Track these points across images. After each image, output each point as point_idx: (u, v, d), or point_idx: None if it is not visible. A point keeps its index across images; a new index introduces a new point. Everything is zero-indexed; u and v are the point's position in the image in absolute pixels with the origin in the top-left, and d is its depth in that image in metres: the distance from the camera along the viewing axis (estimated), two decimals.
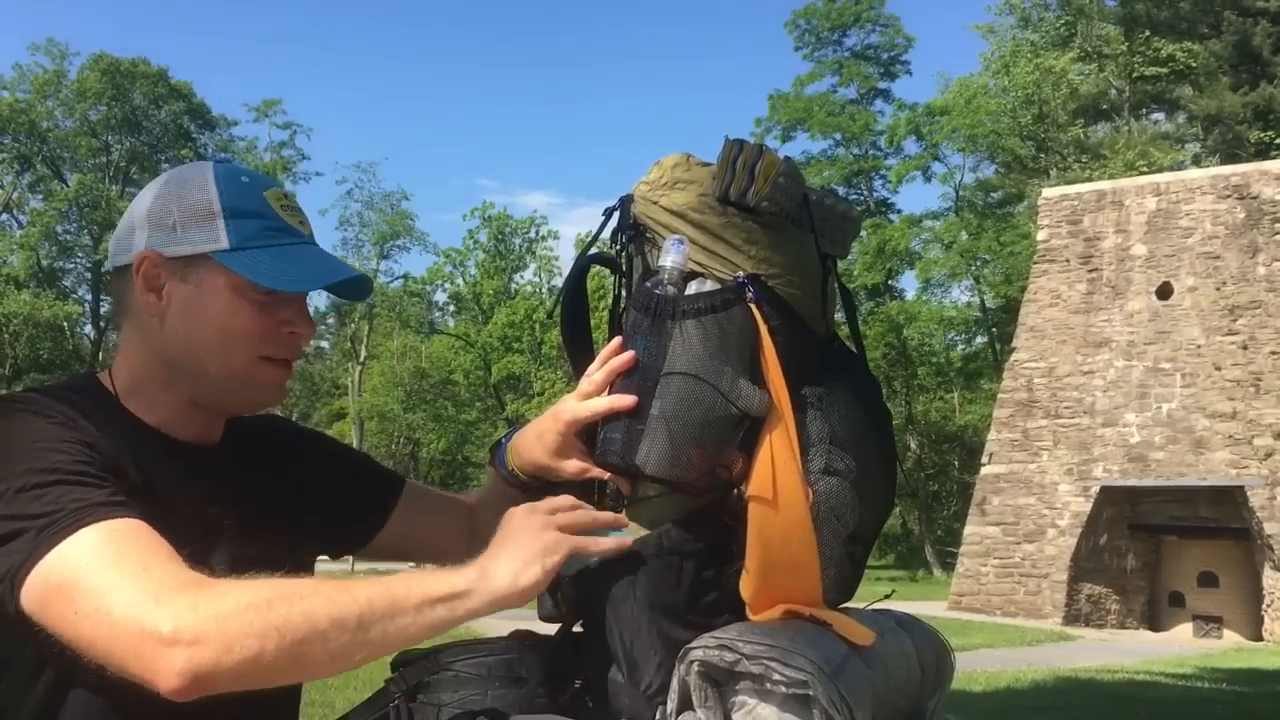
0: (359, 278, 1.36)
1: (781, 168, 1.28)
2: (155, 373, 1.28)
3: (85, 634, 1.03)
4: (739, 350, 1.22)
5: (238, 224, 1.25)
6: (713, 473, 1.22)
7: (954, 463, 45.21)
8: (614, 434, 1.24)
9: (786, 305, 1.29)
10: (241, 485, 1.31)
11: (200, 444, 1.31)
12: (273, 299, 1.26)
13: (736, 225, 1.28)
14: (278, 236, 1.27)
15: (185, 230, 1.25)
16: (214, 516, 1.27)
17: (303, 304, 1.31)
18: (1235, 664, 13.99)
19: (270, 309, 1.26)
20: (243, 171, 1.32)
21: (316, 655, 1.04)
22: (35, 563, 1.04)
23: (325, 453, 1.51)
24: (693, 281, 1.26)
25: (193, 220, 1.25)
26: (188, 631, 0.99)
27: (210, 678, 0.99)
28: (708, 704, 1.12)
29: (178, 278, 1.25)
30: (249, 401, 1.32)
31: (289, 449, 1.45)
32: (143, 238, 1.26)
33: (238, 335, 1.25)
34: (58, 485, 1.08)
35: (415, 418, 46.76)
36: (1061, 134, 38.75)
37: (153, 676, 1.00)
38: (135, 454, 1.22)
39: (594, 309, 1.46)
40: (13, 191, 41.08)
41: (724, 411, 1.20)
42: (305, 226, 1.32)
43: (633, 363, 1.24)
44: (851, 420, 1.32)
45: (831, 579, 1.26)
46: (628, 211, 1.33)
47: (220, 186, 1.26)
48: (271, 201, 1.28)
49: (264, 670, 1.02)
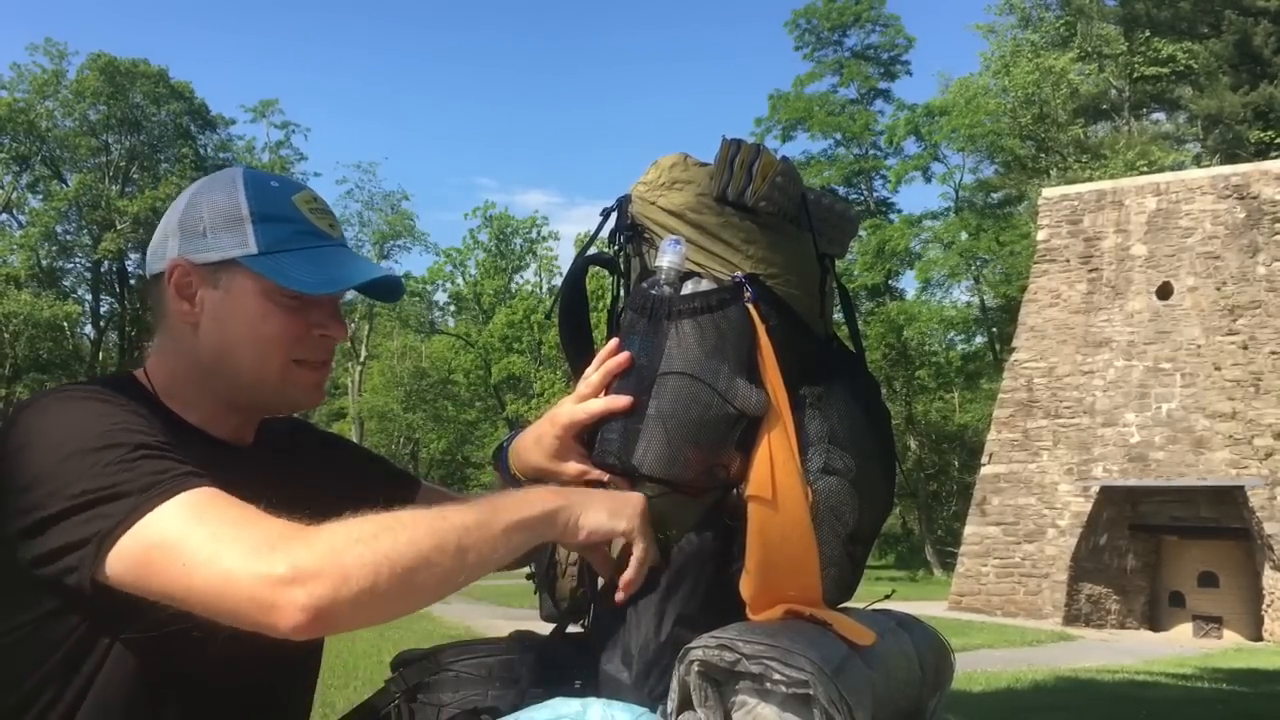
0: (390, 279, 1.35)
1: (779, 167, 1.28)
2: (191, 377, 1.29)
3: (198, 585, 1.04)
4: (736, 350, 1.22)
5: (266, 228, 1.25)
6: (710, 472, 1.22)
7: (954, 463, 45.19)
8: (611, 434, 1.24)
9: (785, 305, 1.29)
10: (279, 483, 1.31)
11: (236, 443, 1.32)
12: (303, 302, 1.26)
13: (734, 225, 1.28)
14: (306, 240, 1.27)
15: (215, 236, 1.25)
16: None
17: (334, 306, 1.31)
18: (1235, 664, 13.99)
19: (301, 312, 1.27)
20: (272, 177, 1.33)
21: (424, 582, 1.06)
22: (129, 526, 1.06)
23: (351, 455, 1.53)
24: (689, 281, 1.26)
25: (222, 226, 1.25)
26: (306, 570, 1.02)
27: (331, 611, 1.01)
28: (708, 704, 1.12)
29: (209, 284, 1.26)
30: (285, 404, 1.33)
31: (318, 450, 1.47)
32: (174, 245, 1.27)
33: (269, 340, 1.26)
34: (144, 459, 1.11)
35: (415, 418, 46.79)
36: (1061, 134, 38.75)
37: (274, 617, 1.02)
38: (182, 447, 1.23)
39: (593, 309, 1.46)
40: (12, 191, 41.05)
41: (721, 411, 1.20)
42: (335, 229, 1.32)
43: (629, 364, 1.24)
44: (851, 420, 1.32)
45: (831, 578, 1.26)
46: (625, 212, 1.33)
47: (248, 191, 1.27)
48: (300, 205, 1.29)
49: (379, 600, 1.03)
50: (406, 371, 47.70)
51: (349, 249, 1.32)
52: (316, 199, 1.32)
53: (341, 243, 1.31)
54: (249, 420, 1.34)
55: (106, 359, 41.72)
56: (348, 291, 1.32)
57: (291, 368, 1.28)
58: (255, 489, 1.27)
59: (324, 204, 1.33)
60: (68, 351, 40.97)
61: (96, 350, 42.02)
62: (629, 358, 1.24)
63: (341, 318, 1.33)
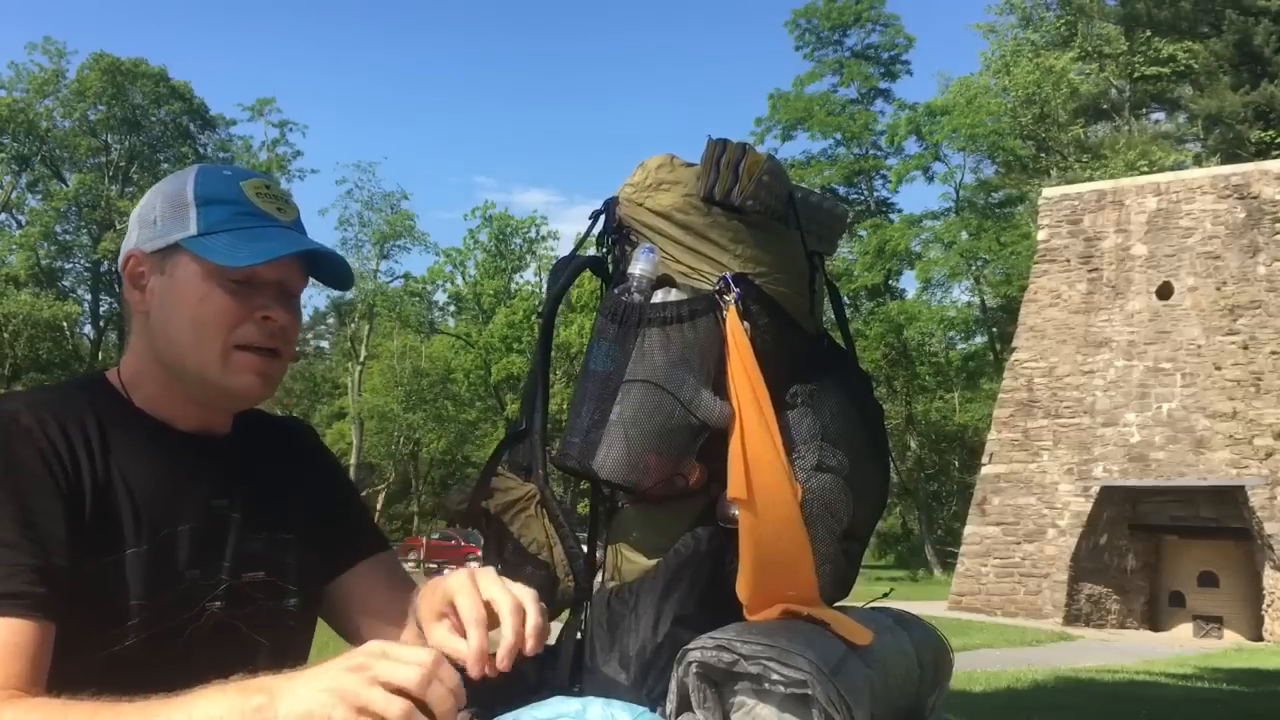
0: (336, 261, 1.29)
1: (766, 166, 1.28)
2: (149, 370, 1.27)
3: None
4: (703, 361, 1.23)
5: (208, 210, 1.23)
6: (670, 480, 1.23)
7: (954, 463, 45.21)
8: (573, 438, 1.24)
9: (774, 303, 1.29)
10: (249, 477, 1.30)
11: (206, 433, 1.29)
12: (248, 285, 1.23)
13: (722, 225, 1.28)
14: (246, 220, 1.24)
15: (163, 223, 1.25)
16: (222, 509, 1.26)
17: (280, 289, 1.26)
18: (1235, 664, 13.98)
19: (245, 295, 1.23)
20: (229, 167, 1.32)
21: None
22: None
23: (332, 476, 1.46)
24: (660, 290, 1.27)
25: (169, 213, 1.25)
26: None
27: None
28: (706, 705, 1.11)
29: (157, 271, 1.25)
30: (229, 392, 1.25)
31: (304, 455, 1.42)
32: (133, 238, 1.27)
33: (209, 322, 1.22)
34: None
35: (415, 418, 46.73)
36: (1062, 134, 38.75)
37: None
38: (140, 447, 1.21)
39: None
40: (11, 191, 41.05)
41: (683, 420, 1.21)
42: (285, 213, 1.27)
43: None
44: (843, 417, 1.32)
45: (827, 576, 1.26)
46: (613, 214, 1.33)
47: (197, 179, 1.26)
48: (247, 190, 1.26)
49: None
50: (406, 371, 47.66)
51: (294, 230, 1.27)
52: (271, 186, 1.29)
53: (289, 225, 1.27)
54: (213, 412, 1.29)
55: (106, 359, 41.71)
56: (301, 279, 1.27)
57: (233, 354, 1.22)
58: (224, 481, 1.27)
59: (277, 190, 1.30)
60: (67, 351, 40.97)
61: (96, 350, 42.02)
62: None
63: (287, 302, 1.26)
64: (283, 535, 1.31)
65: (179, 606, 1.20)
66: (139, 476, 1.20)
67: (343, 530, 1.41)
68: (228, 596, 1.24)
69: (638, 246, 1.28)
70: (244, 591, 1.25)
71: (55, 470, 1.14)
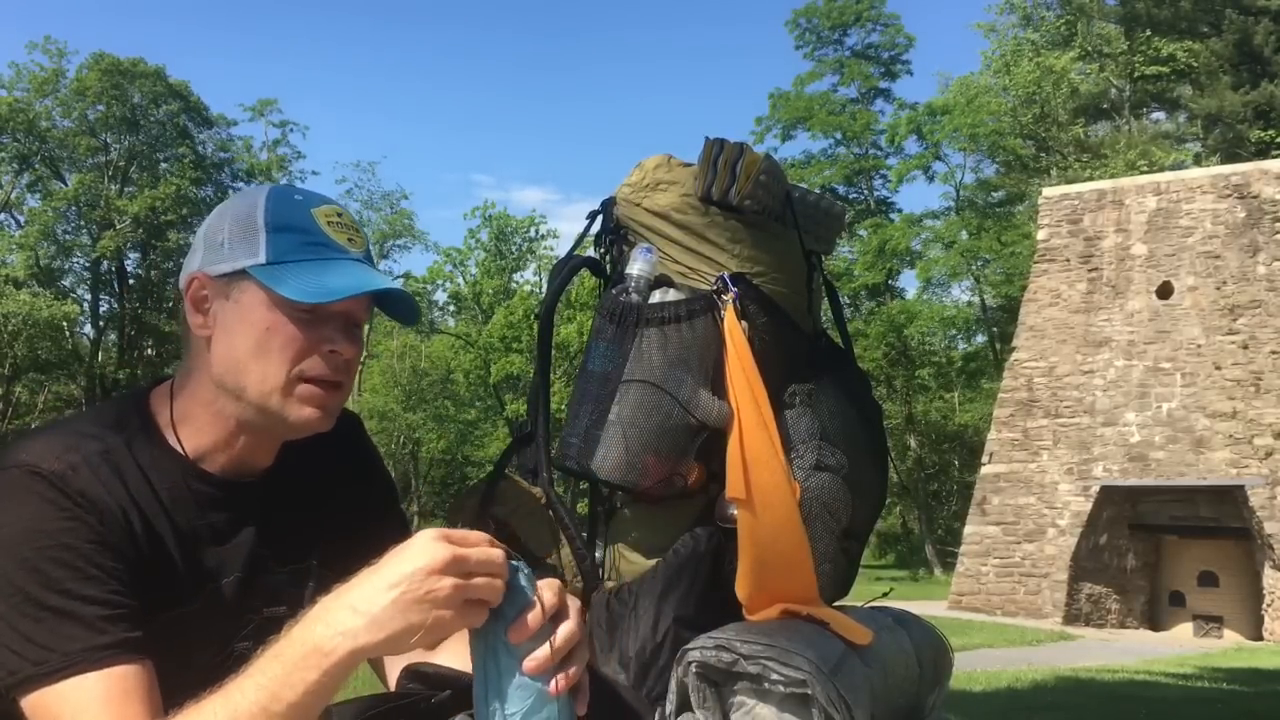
0: (405, 298, 1.28)
1: (763, 165, 1.28)
2: (205, 397, 1.25)
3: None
4: (701, 361, 1.22)
5: (278, 238, 1.21)
6: (669, 480, 1.22)
7: (954, 462, 45.18)
8: (572, 438, 1.24)
9: (772, 303, 1.28)
10: (285, 509, 1.28)
11: (241, 477, 1.27)
12: (314, 316, 1.21)
13: (720, 224, 1.28)
14: (315, 251, 1.22)
15: (231, 247, 1.22)
16: (262, 557, 1.26)
17: (347, 322, 1.24)
18: (1235, 664, 13.98)
19: (312, 326, 1.21)
20: (300, 191, 1.29)
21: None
22: (26, 691, 1.07)
23: (370, 479, 1.44)
24: (657, 290, 1.26)
25: (238, 236, 1.22)
26: None
27: None
28: (706, 705, 1.11)
29: (222, 296, 1.22)
30: (287, 423, 1.23)
31: (346, 454, 1.39)
32: (197, 259, 1.25)
33: (274, 353, 1.20)
34: (55, 615, 1.08)
35: (415, 418, 46.72)
36: (1062, 133, 38.73)
37: None
38: (185, 498, 1.21)
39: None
40: (11, 191, 41.03)
41: (681, 420, 1.21)
42: (355, 244, 1.26)
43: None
44: (842, 416, 1.31)
45: (826, 575, 1.26)
46: (611, 214, 1.33)
47: (268, 203, 1.23)
48: (318, 217, 1.24)
49: None
50: (406, 371, 47.65)
51: (364, 264, 1.25)
52: (341, 214, 1.27)
53: (359, 258, 1.25)
54: (261, 444, 1.28)
55: (105, 359, 41.70)
56: (367, 310, 1.26)
57: (295, 384, 1.21)
58: (254, 523, 1.26)
59: (348, 219, 1.27)
60: (67, 351, 40.92)
61: (95, 350, 41.98)
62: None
63: (354, 335, 1.25)
64: (307, 563, 1.31)
65: (215, 654, 1.22)
66: (186, 532, 1.20)
67: (375, 534, 1.40)
68: (254, 634, 1.24)
69: (635, 246, 1.28)
70: (268, 627, 1.25)
71: (114, 533, 1.14)
